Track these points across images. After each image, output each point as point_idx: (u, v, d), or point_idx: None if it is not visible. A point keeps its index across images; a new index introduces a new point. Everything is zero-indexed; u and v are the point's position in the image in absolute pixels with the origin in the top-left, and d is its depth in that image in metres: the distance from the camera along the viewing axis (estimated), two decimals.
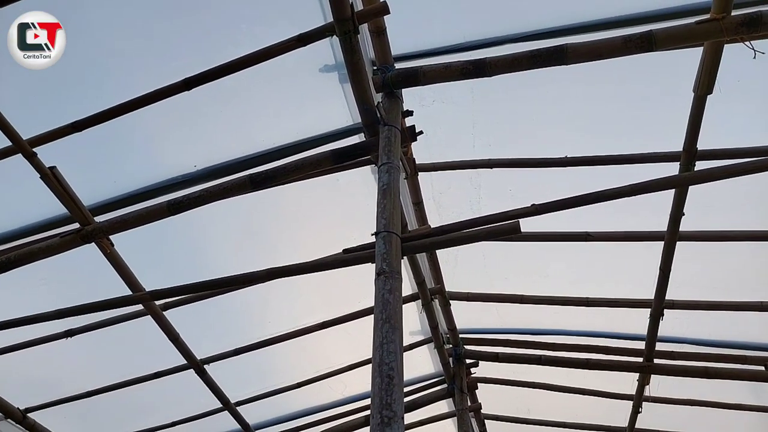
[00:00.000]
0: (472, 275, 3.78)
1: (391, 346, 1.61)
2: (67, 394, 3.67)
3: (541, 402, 4.60)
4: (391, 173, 2.13)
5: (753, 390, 3.88)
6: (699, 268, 3.20)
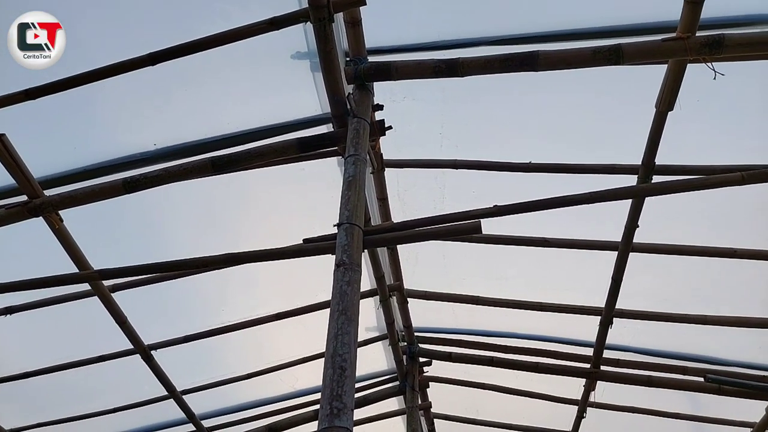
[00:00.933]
0: (432, 274, 3.80)
1: (345, 338, 1.59)
2: (2, 374, 3.51)
3: (490, 403, 4.67)
4: (357, 165, 2.11)
5: (691, 400, 4.03)
6: (649, 279, 3.30)
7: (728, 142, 2.63)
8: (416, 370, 4.07)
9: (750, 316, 3.27)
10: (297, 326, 3.66)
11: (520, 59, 2.21)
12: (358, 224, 1.92)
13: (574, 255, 3.21)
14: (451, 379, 4.45)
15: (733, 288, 3.25)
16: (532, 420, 4.86)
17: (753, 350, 3.60)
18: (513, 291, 3.69)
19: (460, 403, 4.79)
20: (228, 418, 4.29)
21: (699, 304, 3.35)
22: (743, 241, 2.93)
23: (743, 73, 2.25)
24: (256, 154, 2.39)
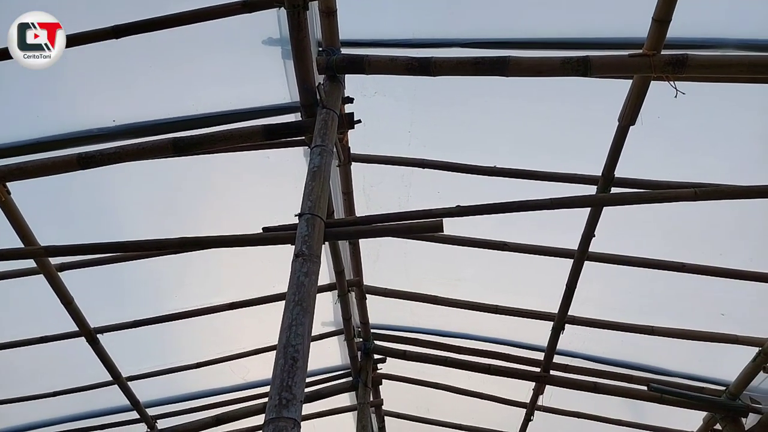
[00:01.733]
0: (392, 272, 3.81)
1: (299, 329, 1.57)
2: None
3: (441, 403, 4.72)
4: (323, 156, 2.09)
5: (633, 407, 4.17)
6: (601, 288, 3.39)
7: (684, 161, 2.71)
8: (370, 366, 4.07)
9: (693, 329, 3.40)
10: (252, 317, 3.60)
11: (491, 63, 2.23)
12: (320, 215, 1.90)
13: (531, 260, 3.27)
14: (404, 377, 4.47)
15: (680, 301, 3.37)
16: (481, 421, 4.93)
17: (694, 362, 3.74)
18: (471, 292, 3.73)
19: (411, 401, 4.82)
20: (175, 407, 4.19)
21: (647, 314, 3.46)
22: (692, 256, 3.04)
23: (703, 94, 2.33)
24: (220, 138, 2.34)
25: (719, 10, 2.22)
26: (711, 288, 3.10)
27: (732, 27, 2.21)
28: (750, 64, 2.07)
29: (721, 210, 2.77)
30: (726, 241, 3.00)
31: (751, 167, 2.59)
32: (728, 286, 3.04)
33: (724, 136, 2.63)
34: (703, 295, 3.23)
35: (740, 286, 3.02)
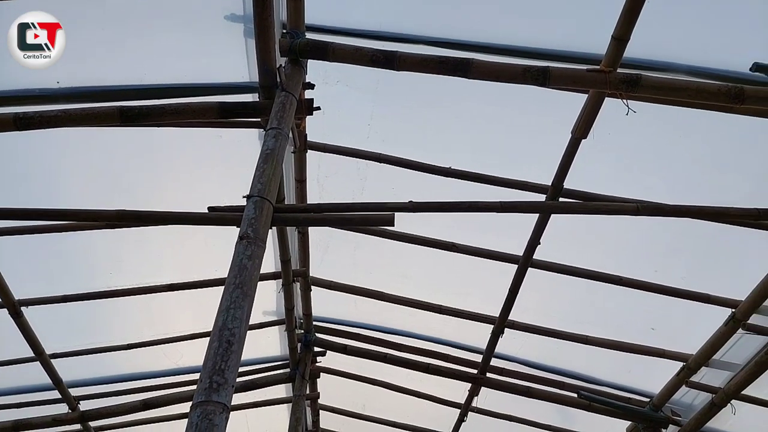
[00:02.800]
0: (340, 265, 3.78)
1: (237, 312, 1.53)
2: None
3: (378, 399, 4.73)
4: (278, 140, 2.04)
5: (563, 413, 4.30)
6: (542, 295, 3.48)
7: (629, 178, 2.81)
8: (309, 359, 4.02)
9: (625, 341, 3.54)
10: (190, 300, 3.49)
11: (455, 64, 2.25)
12: (269, 199, 1.86)
13: (478, 263, 3.31)
14: (343, 371, 4.45)
15: (615, 313, 3.50)
16: (416, 419, 4.98)
17: (623, 373, 3.90)
18: (417, 291, 3.75)
19: (348, 396, 4.81)
20: (101, 389, 4.01)
21: (583, 324, 3.57)
22: (629, 271, 3.16)
23: (653, 116, 2.41)
24: (172, 112, 2.25)
25: (673, 35, 2.31)
26: (644, 302, 3.24)
27: (684, 53, 2.30)
28: (697, 90, 2.16)
29: (659, 229, 2.89)
30: (661, 259, 3.13)
31: (690, 190, 2.71)
32: (660, 301, 3.17)
33: (669, 158, 2.74)
34: (636, 308, 3.37)
35: (671, 302, 3.16)
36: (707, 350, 3.35)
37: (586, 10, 2.35)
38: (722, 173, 2.67)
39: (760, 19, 2.18)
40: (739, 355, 3.35)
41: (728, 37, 2.27)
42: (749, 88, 2.13)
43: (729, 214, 2.15)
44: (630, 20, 2.11)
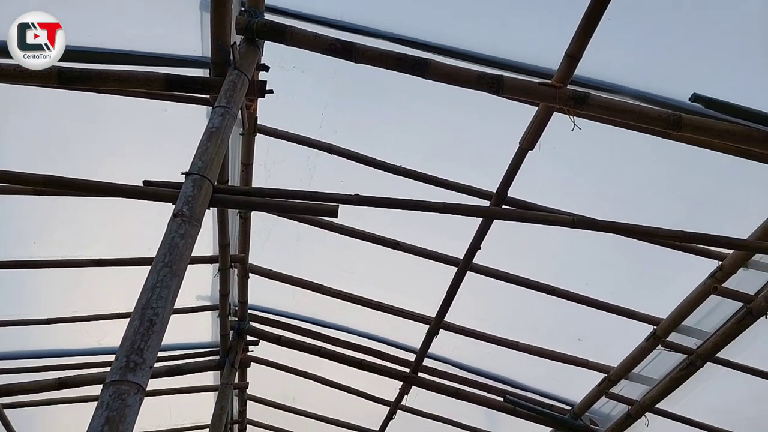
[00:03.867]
0: (281, 254, 3.72)
1: (163, 292, 1.47)
2: None
3: (308, 393, 4.69)
4: (225, 119, 1.98)
5: (489, 417, 4.40)
6: (478, 299, 3.54)
7: (570, 192, 2.90)
8: (241, 347, 3.94)
9: (553, 349, 3.65)
10: (119, 278, 3.35)
11: (413, 62, 2.25)
12: (209, 178, 1.80)
13: (420, 263, 3.34)
14: (274, 362, 4.39)
15: (545, 321, 3.61)
16: (345, 415, 4.97)
17: (549, 380, 4.03)
18: (356, 286, 3.74)
19: (278, 388, 4.75)
20: (12, 364, 3.77)
21: (514, 330, 3.67)
22: (562, 282, 3.26)
23: (597, 134, 2.50)
24: (115, 78, 2.14)
25: (622, 60, 2.40)
26: (574, 314, 3.35)
27: (630, 77, 2.39)
28: (640, 113, 2.26)
29: (593, 244, 3.00)
30: (593, 273, 3.25)
31: (626, 208, 2.82)
32: (589, 314, 3.30)
33: (609, 177, 2.85)
34: (566, 319, 3.49)
35: (599, 315, 3.28)
36: (628, 364, 3.51)
37: (544, 25, 2.41)
38: (656, 195, 2.80)
39: (703, 52, 2.30)
40: (656, 370, 3.53)
41: (672, 66, 2.38)
42: (687, 116, 2.24)
43: (657, 235, 2.25)
44: (583, 39, 2.17)
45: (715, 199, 2.75)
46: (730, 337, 3.02)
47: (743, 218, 2.64)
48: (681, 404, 3.61)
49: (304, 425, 5.12)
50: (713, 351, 3.13)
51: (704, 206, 2.74)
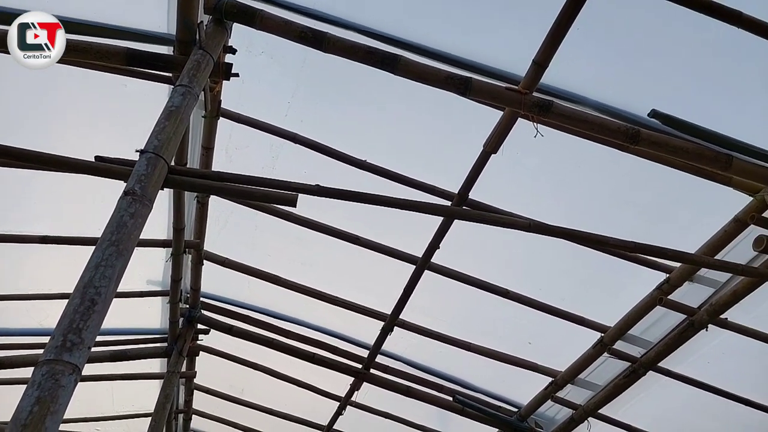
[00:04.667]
0: (237, 242, 3.65)
1: (108, 271, 1.42)
2: None
3: (257, 385, 4.63)
4: (186, 98, 1.93)
5: (440, 416, 4.44)
6: (434, 298, 3.57)
7: (530, 197, 2.95)
8: (190, 335, 3.85)
9: (504, 351, 3.71)
10: (64, 257, 3.21)
11: (383, 57, 2.25)
12: (164, 158, 1.74)
13: (378, 259, 3.33)
14: (224, 352, 4.31)
15: (498, 324, 3.66)
16: (294, 409, 4.92)
17: (498, 382, 4.09)
18: (313, 279, 3.71)
19: (227, 379, 4.66)
20: None
21: (468, 331, 3.71)
22: (516, 286, 3.31)
23: (559, 143, 2.54)
24: (74, 49, 2.05)
25: (587, 71, 2.45)
26: (526, 317, 3.41)
27: (594, 89, 2.45)
28: (601, 125, 2.31)
29: (548, 250, 3.06)
30: (546, 279, 3.32)
31: (582, 217, 2.88)
32: (540, 318, 3.36)
33: (568, 185, 2.91)
34: (518, 322, 3.54)
35: (549, 320, 3.35)
36: (574, 369, 3.60)
37: (514, 31, 2.43)
38: (611, 206, 2.88)
39: (664, 71, 2.37)
40: (601, 376, 3.63)
41: (634, 82, 2.44)
42: (644, 131, 2.30)
43: (609, 243, 2.31)
44: (551, 48, 2.21)
45: (666, 213, 2.84)
46: (672, 347, 3.13)
47: (691, 233, 2.74)
48: (622, 411, 3.73)
49: (251, 418, 5.06)
50: (656, 360, 3.24)
51: (655, 219, 2.84)
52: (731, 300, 2.75)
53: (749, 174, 2.37)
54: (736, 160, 2.33)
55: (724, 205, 2.64)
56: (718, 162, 2.34)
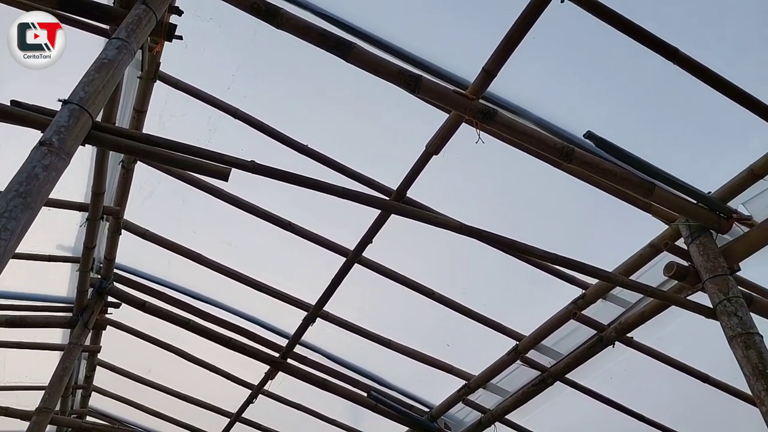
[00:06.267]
0: (161, 215, 3.48)
1: (10, 224, 1.29)
2: None
3: (166, 366, 4.44)
4: (120, 53, 1.80)
5: (353, 411, 4.43)
6: (362, 292, 3.55)
7: (465, 202, 2.99)
8: (99, 307, 3.62)
9: (423, 351, 3.75)
10: None
11: (337, 42, 2.20)
12: (89, 111, 1.62)
13: (309, 248, 3.27)
14: (134, 329, 4.10)
15: (421, 323, 3.70)
16: (203, 394, 4.76)
17: (414, 381, 4.14)
18: (239, 262, 3.59)
19: (134, 357, 4.44)
20: None
21: (390, 328, 3.72)
22: (442, 288, 3.35)
23: (497, 153, 2.59)
24: None
25: (533, 85, 2.52)
26: (448, 320, 3.46)
27: (536, 105, 2.52)
28: (539, 139, 2.38)
29: (476, 256, 3.12)
30: (471, 284, 3.38)
31: (513, 226, 2.94)
32: (461, 321, 3.42)
33: (503, 194, 2.98)
34: (440, 323, 3.59)
35: (470, 324, 3.42)
36: (488, 374, 3.70)
37: (469, 37, 2.45)
38: (540, 219, 2.97)
39: (605, 95, 2.48)
40: (512, 383, 3.75)
41: (575, 102, 2.53)
42: (578, 150, 2.39)
43: (533, 254, 2.38)
44: (502, 58, 2.25)
45: (589, 231, 2.98)
46: (580, 360, 3.28)
47: (610, 253, 2.88)
48: (527, 418, 3.88)
49: (156, 400, 4.84)
50: (564, 371, 3.39)
51: (579, 236, 2.96)
52: (638, 320, 2.91)
53: (668, 203, 2.52)
54: (657, 188, 2.47)
55: (643, 230, 2.79)
56: (641, 188, 2.47)
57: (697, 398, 3.36)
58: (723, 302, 2.35)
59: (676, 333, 3.08)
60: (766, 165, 2.34)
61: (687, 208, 2.51)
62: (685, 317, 2.81)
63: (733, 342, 2.27)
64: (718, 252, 2.50)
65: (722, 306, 2.35)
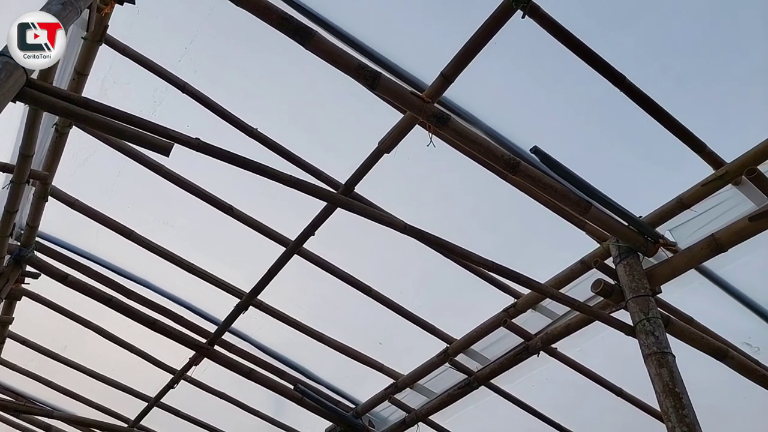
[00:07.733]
0: (94, 185, 3.30)
1: None
2: None
3: (84, 344, 4.22)
4: (66, 9, 1.70)
5: (277, 403, 4.37)
6: (300, 284, 3.50)
7: (412, 204, 3.01)
8: (15, 276, 3.38)
9: (354, 347, 3.75)
10: None
11: (297, 28, 2.15)
12: (24, 67, 1.51)
13: (249, 234, 3.20)
14: (53, 302, 3.87)
15: (356, 319, 3.69)
16: (121, 375, 4.57)
17: (342, 377, 4.13)
18: (173, 242, 3.46)
19: (50, 332, 4.20)
20: None
21: (325, 322, 3.70)
22: (382, 287, 3.36)
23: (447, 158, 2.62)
24: None
25: (487, 95, 2.57)
26: (382, 318, 3.48)
27: (489, 114, 2.57)
28: (487, 149, 2.43)
29: (415, 257, 3.15)
30: (409, 284, 3.41)
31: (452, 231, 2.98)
32: (395, 320, 3.44)
33: (450, 200, 3.02)
34: (374, 321, 3.60)
35: (403, 324, 3.45)
36: (416, 374, 3.74)
37: (431, 39, 2.47)
38: (481, 227, 3.04)
39: (558, 111, 2.56)
40: (438, 384, 3.81)
41: (527, 115, 2.61)
42: (524, 164, 2.46)
43: (472, 259, 2.43)
44: (460, 65, 2.28)
45: (526, 242, 3.07)
46: (505, 366, 3.38)
47: (543, 265, 2.98)
48: (450, 420, 3.96)
49: (69, 378, 4.59)
50: (489, 376, 3.48)
51: (516, 246, 3.05)
52: (564, 332, 3.03)
53: (601, 223, 2.63)
54: (593, 208, 2.57)
55: (576, 246, 2.91)
56: (578, 206, 2.56)
57: (610, 410, 3.54)
58: (642, 321, 2.48)
59: (597, 347, 3.23)
60: (694, 195, 2.50)
61: (618, 230, 2.63)
62: (606, 332, 2.95)
63: (648, 360, 2.40)
64: (643, 274, 2.63)
65: (641, 325, 2.48)
